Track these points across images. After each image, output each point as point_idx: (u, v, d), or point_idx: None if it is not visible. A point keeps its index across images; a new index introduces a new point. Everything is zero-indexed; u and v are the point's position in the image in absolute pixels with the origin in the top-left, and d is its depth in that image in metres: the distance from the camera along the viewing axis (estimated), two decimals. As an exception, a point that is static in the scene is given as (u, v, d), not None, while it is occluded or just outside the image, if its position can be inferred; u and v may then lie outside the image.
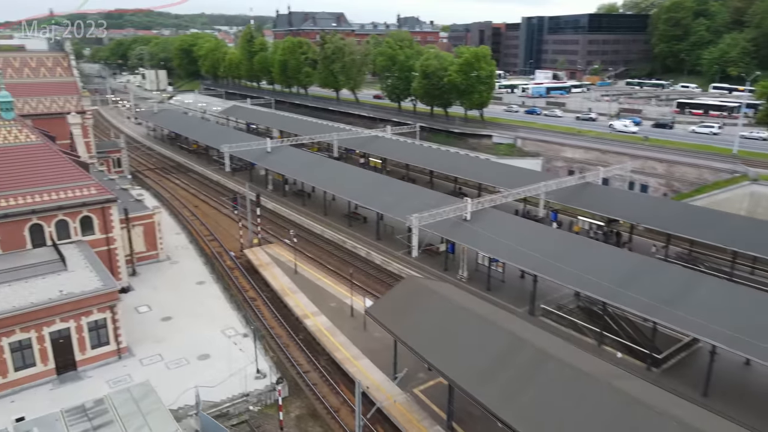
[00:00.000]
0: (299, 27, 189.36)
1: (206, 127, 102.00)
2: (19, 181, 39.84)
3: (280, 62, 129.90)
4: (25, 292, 33.49)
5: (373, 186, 61.04)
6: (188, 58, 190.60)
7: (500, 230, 46.74)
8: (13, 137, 41.42)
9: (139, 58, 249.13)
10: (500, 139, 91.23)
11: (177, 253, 54.06)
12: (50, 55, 76.83)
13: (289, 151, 77.57)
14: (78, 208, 41.48)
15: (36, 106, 71.71)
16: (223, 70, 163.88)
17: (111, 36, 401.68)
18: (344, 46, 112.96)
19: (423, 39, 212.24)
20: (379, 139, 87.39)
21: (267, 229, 62.85)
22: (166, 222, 59.89)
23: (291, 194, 74.22)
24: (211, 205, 73.37)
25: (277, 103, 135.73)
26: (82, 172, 42.67)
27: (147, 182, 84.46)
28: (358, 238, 59.17)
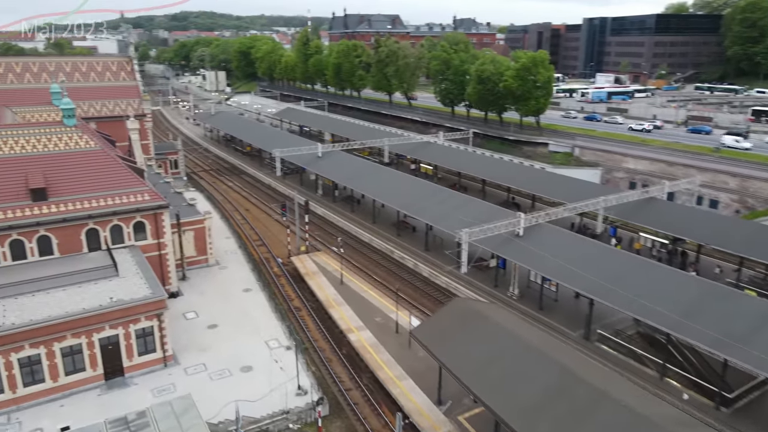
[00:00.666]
0: (354, 29, 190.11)
1: (260, 130, 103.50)
2: (78, 186, 40.98)
3: (335, 65, 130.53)
4: (77, 297, 34.25)
5: (423, 195, 59.70)
6: (246, 60, 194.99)
7: (555, 247, 44.45)
8: (74, 143, 42.70)
9: (201, 59, 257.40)
10: (557, 147, 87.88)
11: (226, 258, 54.56)
12: (115, 59, 79.70)
13: (339, 157, 77.35)
14: (132, 214, 42.29)
15: (100, 109, 74.51)
16: (278, 72, 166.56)
17: (176, 37, 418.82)
18: (398, 50, 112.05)
19: (479, 41, 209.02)
20: (431, 145, 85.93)
21: (315, 236, 62.68)
22: (216, 226, 60.68)
23: (340, 200, 73.91)
24: (262, 209, 74.05)
25: (330, 105, 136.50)
26: (137, 178, 43.53)
27: (201, 184, 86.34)
28: (406, 248, 58.02)
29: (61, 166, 41.21)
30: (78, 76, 75.50)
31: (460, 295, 48.88)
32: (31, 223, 38.58)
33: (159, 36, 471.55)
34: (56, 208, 39.53)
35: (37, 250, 39.41)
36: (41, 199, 39.42)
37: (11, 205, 38.40)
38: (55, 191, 40.07)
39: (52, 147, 41.77)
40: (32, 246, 39.15)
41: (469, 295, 48.04)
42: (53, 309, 32.85)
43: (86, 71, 76.26)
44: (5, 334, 30.57)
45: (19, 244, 38.75)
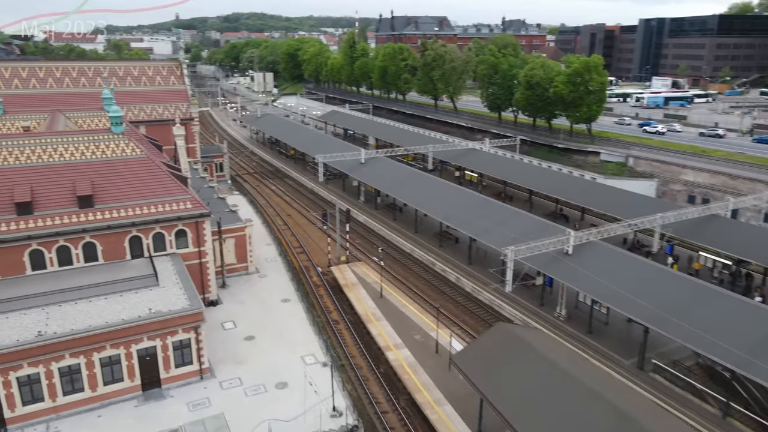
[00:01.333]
0: (401, 31, 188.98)
1: (304, 133, 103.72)
2: (123, 193, 41.35)
3: (380, 68, 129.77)
4: (118, 307, 34.35)
5: (467, 206, 57.83)
6: (293, 62, 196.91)
7: (607, 268, 41.93)
8: (121, 150, 43.17)
9: (250, 60, 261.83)
10: (609, 156, 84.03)
11: (266, 266, 54.31)
12: (165, 64, 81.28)
13: (382, 163, 76.30)
14: (174, 222, 42.38)
15: (150, 113, 76.10)
16: (325, 74, 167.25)
17: (227, 38, 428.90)
18: (445, 54, 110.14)
19: (528, 43, 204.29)
20: (477, 152, 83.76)
21: (355, 244, 61.83)
22: (257, 232, 60.66)
23: (383, 207, 72.81)
24: (303, 215, 73.82)
25: (374, 108, 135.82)
26: (180, 186, 43.63)
27: (245, 187, 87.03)
28: (448, 260, 56.37)
29: (108, 174, 41.68)
30: (130, 80, 77.37)
31: (504, 313, 46.98)
32: (78, 230, 39.12)
33: (211, 37, 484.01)
34: (102, 215, 39.96)
35: (83, 256, 39.94)
36: (88, 206, 39.94)
37: (59, 212, 39.03)
38: (101, 198, 40.54)
39: (100, 154, 42.32)
40: (78, 252, 39.71)
41: (513, 314, 46.07)
42: (94, 318, 33.02)
43: (138, 75, 78.03)
44: (47, 343, 30.84)
45: (66, 250, 39.36)
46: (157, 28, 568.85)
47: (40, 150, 40.83)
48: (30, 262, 38.51)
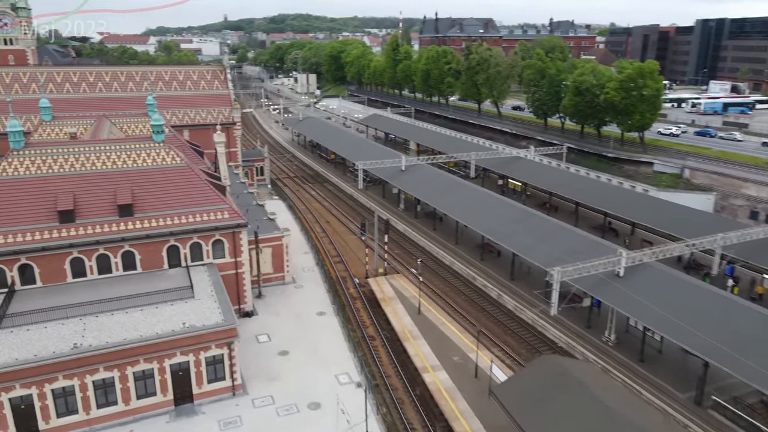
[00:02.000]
0: (445, 34, 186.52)
1: (344, 138, 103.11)
2: (162, 202, 41.27)
3: (423, 71, 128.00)
4: (153, 319, 34.08)
5: (510, 219, 55.63)
6: (336, 64, 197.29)
7: (661, 293, 39.13)
8: (161, 159, 43.15)
9: (294, 61, 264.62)
10: (663, 167, 79.73)
11: (302, 276, 53.58)
12: (210, 69, 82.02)
13: (423, 171, 74.68)
14: (211, 232, 42.05)
15: (194, 117, 76.88)
16: (367, 76, 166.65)
17: (272, 39, 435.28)
18: (490, 57, 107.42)
19: (576, 45, 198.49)
20: (521, 160, 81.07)
21: (394, 254, 60.47)
22: (295, 239, 60.04)
23: (423, 216, 71.16)
24: (342, 222, 72.97)
25: (416, 112, 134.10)
26: (219, 195, 43.28)
27: (285, 191, 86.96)
28: (489, 275, 54.31)
29: (148, 182, 41.68)
30: (175, 84, 78.38)
31: (548, 334, 44.69)
32: (117, 238, 39.20)
33: (257, 38, 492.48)
34: (141, 224, 39.95)
35: (122, 264, 40.03)
36: (127, 215, 39.99)
37: (100, 221, 39.20)
38: (141, 207, 40.54)
39: (141, 162, 42.39)
40: (117, 261, 39.81)
41: (557, 336, 43.74)
42: (129, 331, 32.81)
43: (183, 80, 78.99)
44: (82, 356, 30.74)
45: (106, 259, 39.52)
46: (206, 29, 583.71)
47: (84, 158, 41.16)
48: (71, 270, 38.82)
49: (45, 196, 38.79)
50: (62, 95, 71.72)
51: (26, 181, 38.99)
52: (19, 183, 38.85)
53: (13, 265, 37.13)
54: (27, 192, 38.65)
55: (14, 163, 39.41)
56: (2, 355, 30.08)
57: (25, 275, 37.84)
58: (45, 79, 72.17)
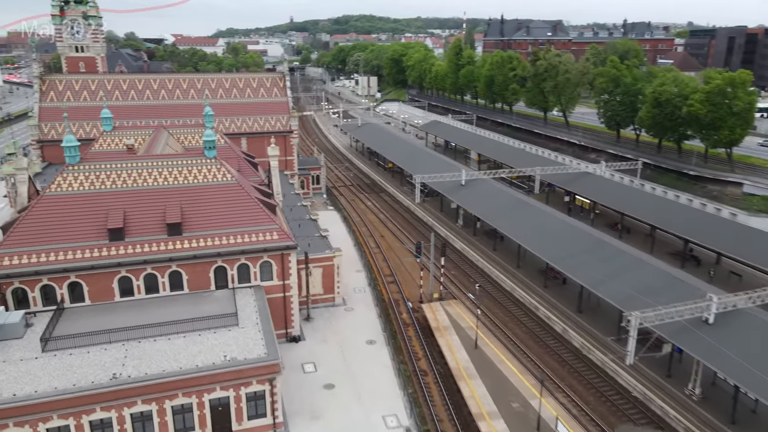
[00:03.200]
0: (511, 37, 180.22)
1: (403, 146, 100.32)
2: (211, 221, 39.99)
3: (487, 77, 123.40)
4: (194, 349, 32.59)
5: (578, 246, 51.16)
6: (397, 67, 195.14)
7: (759, 346, 33.98)
8: (212, 176, 41.91)
9: (356, 64, 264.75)
10: (754, 188, 72.01)
11: (354, 297, 51.28)
12: (269, 76, 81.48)
13: (484, 186, 70.89)
14: (259, 254, 40.40)
15: (252, 125, 76.47)
16: (428, 81, 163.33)
17: (336, 40, 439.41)
18: (559, 64, 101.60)
19: (653, 48, 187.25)
20: (590, 176, 75.70)
21: (450, 275, 57.21)
22: (348, 255, 57.97)
23: (482, 233, 67.34)
24: (397, 237, 70.25)
25: (478, 119, 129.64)
26: (268, 215, 41.56)
27: (340, 201, 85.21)
28: (554, 305, 50.05)
29: (197, 200, 40.50)
30: (235, 92, 78.27)
31: (620, 381, 40.20)
32: (165, 258, 38.17)
33: (321, 39, 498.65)
34: (189, 244, 38.77)
35: (169, 284, 38.99)
36: (176, 234, 38.91)
37: (149, 239, 38.30)
38: (190, 226, 39.37)
39: (192, 179, 41.28)
40: (164, 281, 38.80)
41: (632, 384, 39.19)
42: (169, 361, 31.42)
43: (243, 87, 78.78)
44: (121, 388, 29.50)
45: (153, 278, 38.58)
46: (273, 30, 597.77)
47: (136, 174, 40.45)
48: (119, 289, 38.10)
49: (96, 213, 38.25)
50: (127, 102, 73.01)
51: (79, 197, 38.59)
52: (72, 199, 38.49)
53: (63, 282, 36.74)
54: (79, 208, 38.24)
55: (69, 178, 39.14)
56: (43, 383, 29.30)
57: (75, 293, 37.40)
58: (111, 87, 73.71)
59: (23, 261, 35.83)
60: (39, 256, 36.19)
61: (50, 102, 70.93)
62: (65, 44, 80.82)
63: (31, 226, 36.96)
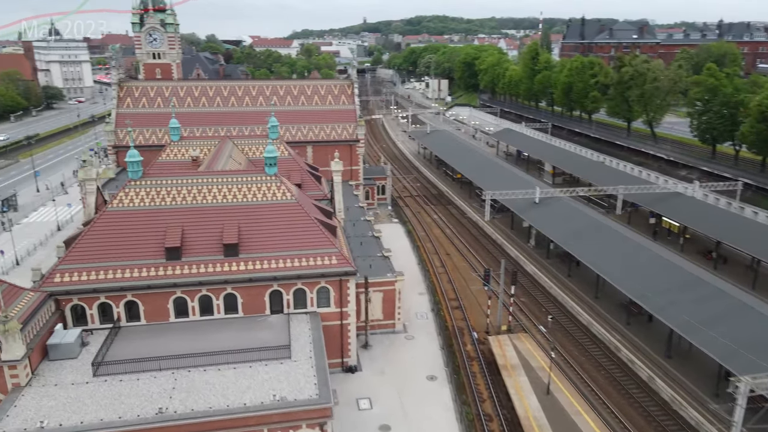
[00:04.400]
0: (592, 40, 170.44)
1: (472, 156, 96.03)
2: (268, 243, 38.27)
3: (565, 83, 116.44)
4: (244, 383, 30.79)
5: (670, 283, 45.61)
6: (469, 71, 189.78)
7: None
8: (272, 194, 40.20)
9: (427, 66, 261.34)
10: None
11: (415, 324, 48.27)
12: (338, 83, 79.85)
13: (559, 206, 65.80)
14: (317, 279, 38.29)
15: (318, 134, 75.04)
16: (501, 86, 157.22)
17: (408, 41, 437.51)
18: (647, 71, 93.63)
19: (752, 51, 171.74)
20: (681, 197, 68.68)
21: (519, 302, 53.01)
22: (410, 275, 55.12)
23: (555, 257, 62.40)
24: (464, 255, 66.49)
25: (554, 128, 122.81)
26: (328, 238, 39.32)
27: (405, 213, 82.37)
28: (638, 347, 44.84)
29: (255, 220, 38.91)
30: (303, 99, 77.17)
31: (719, 448, 34.78)
32: (221, 280, 36.82)
33: (393, 40, 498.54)
34: (245, 266, 37.22)
35: (223, 307, 37.65)
36: (232, 255, 37.46)
37: (205, 259, 37.07)
38: (246, 247, 37.82)
39: (251, 197, 39.75)
40: (219, 303, 37.47)
41: (733, 454, 33.72)
42: (217, 396, 29.76)
43: (311, 94, 77.57)
44: (166, 425, 28.05)
45: (208, 300, 37.34)
46: (346, 31, 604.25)
47: (196, 190, 39.36)
48: (174, 309, 37.13)
49: (155, 230, 37.42)
50: (198, 109, 73.58)
51: (138, 213, 37.93)
52: (132, 215, 37.89)
53: (119, 301, 36.15)
54: (138, 225, 37.57)
55: (130, 193, 38.60)
56: (90, 413, 28.34)
57: (131, 311, 36.77)
58: (184, 94, 74.57)
59: (82, 278, 35.48)
60: (98, 273, 35.75)
61: (126, 108, 72.61)
62: (143, 51, 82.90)
63: (92, 243, 36.60)
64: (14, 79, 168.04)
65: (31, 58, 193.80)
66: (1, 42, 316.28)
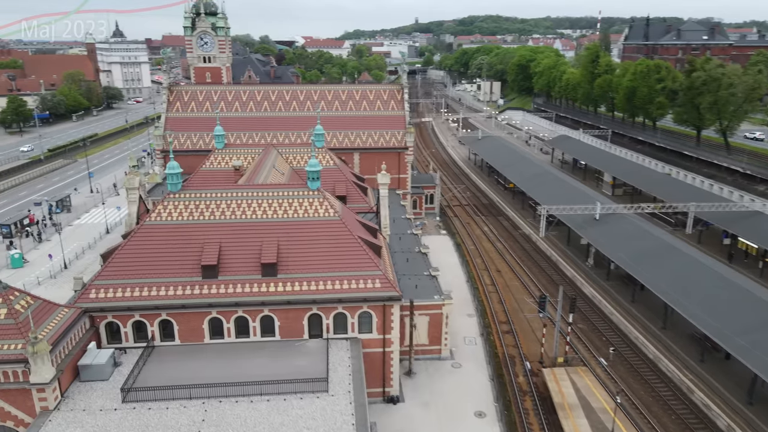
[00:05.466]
0: (657, 41, 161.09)
1: (526, 165, 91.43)
2: (307, 263, 36.01)
3: (627, 88, 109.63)
4: (276, 420, 28.62)
5: (751, 315, 40.56)
6: (523, 74, 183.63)
7: None
8: (314, 210, 37.93)
9: (479, 67, 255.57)
10: None
11: (462, 350, 45.01)
12: (387, 88, 77.38)
13: (622, 223, 60.90)
14: (359, 303, 35.76)
15: (365, 140, 72.74)
16: (557, 90, 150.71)
17: (460, 42, 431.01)
18: (722, 76, 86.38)
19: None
20: (761, 216, 62.30)
21: (577, 328, 48.86)
22: (459, 294, 51.89)
23: (616, 278, 57.64)
24: (516, 273, 62.56)
25: (614, 135, 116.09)
26: (372, 259, 36.70)
27: (454, 224, 78.91)
28: (714, 390, 40.05)
29: (295, 237, 36.73)
30: (351, 104, 75.11)
31: None
32: (257, 302, 34.85)
33: (445, 41, 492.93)
34: (283, 287, 35.10)
35: (260, 329, 35.67)
36: (271, 275, 35.40)
37: (242, 279, 35.19)
38: (285, 267, 35.70)
39: (291, 213, 37.62)
40: (255, 325, 35.52)
41: None
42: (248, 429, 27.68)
43: (359, 100, 75.41)
44: (191, 462, 26.15)
45: (244, 322, 35.46)
46: (398, 32, 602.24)
47: (235, 205, 37.55)
48: (209, 330, 35.43)
49: (192, 246, 35.82)
50: (245, 114, 72.71)
51: (176, 228, 36.44)
52: (170, 229, 36.43)
53: (154, 320, 34.74)
54: (175, 240, 36.06)
55: (169, 206, 37.18)
56: (114, 444, 26.80)
57: (165, 330, 35.30)
58: (232, 98, 73.89)
59: (117, 295, 34.25)
60: (133, 290, 34.44)
61: (176, 112, 72.52)
62: (194, 54, 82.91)
63: (128, 258, 35.34)
64: (77, 80, 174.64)
65: (94, 59, 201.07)
66: (68, 43, 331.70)
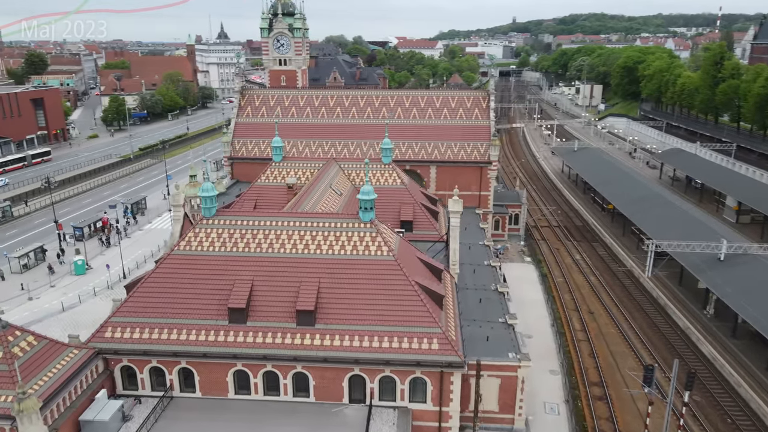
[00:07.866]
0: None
1: (629, 183, 79.69)
2: (351, 312, 29.80)
3: (759, 95, 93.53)
4: None
5: None
6: (630, 77, 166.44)
7: None
8: (364, 247, 31.59)
9: (578, 69, 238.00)
10: None
11: (541, 420, 36.81)
12: (471, 95, 69.52)
13: (754, 266, 49.15)
14: (410, 367, 29.02)
15: (444, 152, 65.54)
16: (670, 95, 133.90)
17: (559, 41, 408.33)
18: None
19: None
20: None
21: (693, 404, 38.83)
22: (541, 341, 44.08)
23: (746, 336, 46.36)
24: (613, 317, 52.67)
25: (739, 149, 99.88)
26: (429, 313, 29.75)
27: (541, 248, 69.56)
28: None
29: (339, 279, 30.63)
30: (430, 112, 68.13)
31: None
32: (289, 356, 29.11)
33: (543, 41, 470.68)
34: (321, 341, 29.15)
35: (292, 388, 30.00)
36: (307, 324, 29.58)
37: (273, 326, 29.65)
38: (324, 315, 29.71)
39: (337, 250, 31.51)
40: (286, 383, 29.86)
41: None
42: None
43: (439, 107, 68.21)
44: None
45: (274, 377, 29.94)
46: (494, 32, 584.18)
47: (273, 236, 32.07)
48: (234, 383, 30.28)
49: (220, 283, 30.80)
50: (315, 120, 68.06)
51: (204, 261, 31.56)
52: (197, 261, 31.61)
53: (173, 367, 30.10)
54: (202, 275, 31.19)
55: (200, 234, 32.41)
56: None
57: (186, 380, 30.58)
58: (304, 103, 69.54)
59: (134, 336, 29.92)
60: (152, 331, 29.97)
61: (246, 117, 69.38)
62: (270, 57, 79.81)
63: (150, 293, 30.95)
64: (176, 80, 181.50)
65: (193, 60, 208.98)
66: (174, 45, 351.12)
